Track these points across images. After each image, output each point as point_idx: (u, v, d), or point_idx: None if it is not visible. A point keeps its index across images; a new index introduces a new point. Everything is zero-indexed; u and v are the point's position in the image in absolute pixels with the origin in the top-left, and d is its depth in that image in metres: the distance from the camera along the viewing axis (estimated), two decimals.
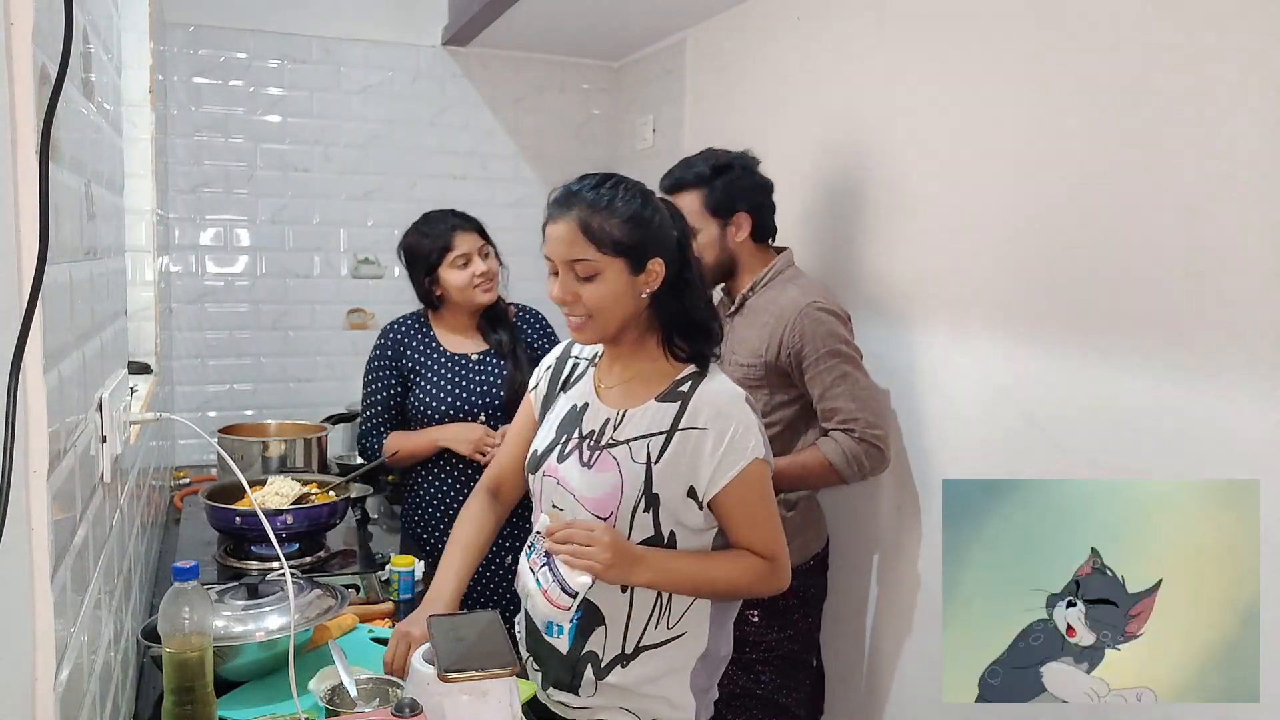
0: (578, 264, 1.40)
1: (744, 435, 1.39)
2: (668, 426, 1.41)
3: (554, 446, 1.51)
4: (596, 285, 1.39)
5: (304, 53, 3.24)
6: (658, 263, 1.41)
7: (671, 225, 1.45)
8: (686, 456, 1.39)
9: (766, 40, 2.63)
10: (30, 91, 0.80)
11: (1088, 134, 1.64)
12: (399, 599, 1.85)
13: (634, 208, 1.40)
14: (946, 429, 2.00)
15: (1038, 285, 1.75)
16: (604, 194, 1.40)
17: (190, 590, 1.25)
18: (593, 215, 1.38)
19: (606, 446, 1.45)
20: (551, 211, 1.44)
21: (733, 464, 1.38)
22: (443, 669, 1.17)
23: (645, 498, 1.40)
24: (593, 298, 1.40)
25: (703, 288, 1.49)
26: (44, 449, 0.83)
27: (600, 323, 1.42)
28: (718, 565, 1.43)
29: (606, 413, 1.48)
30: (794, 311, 1.97)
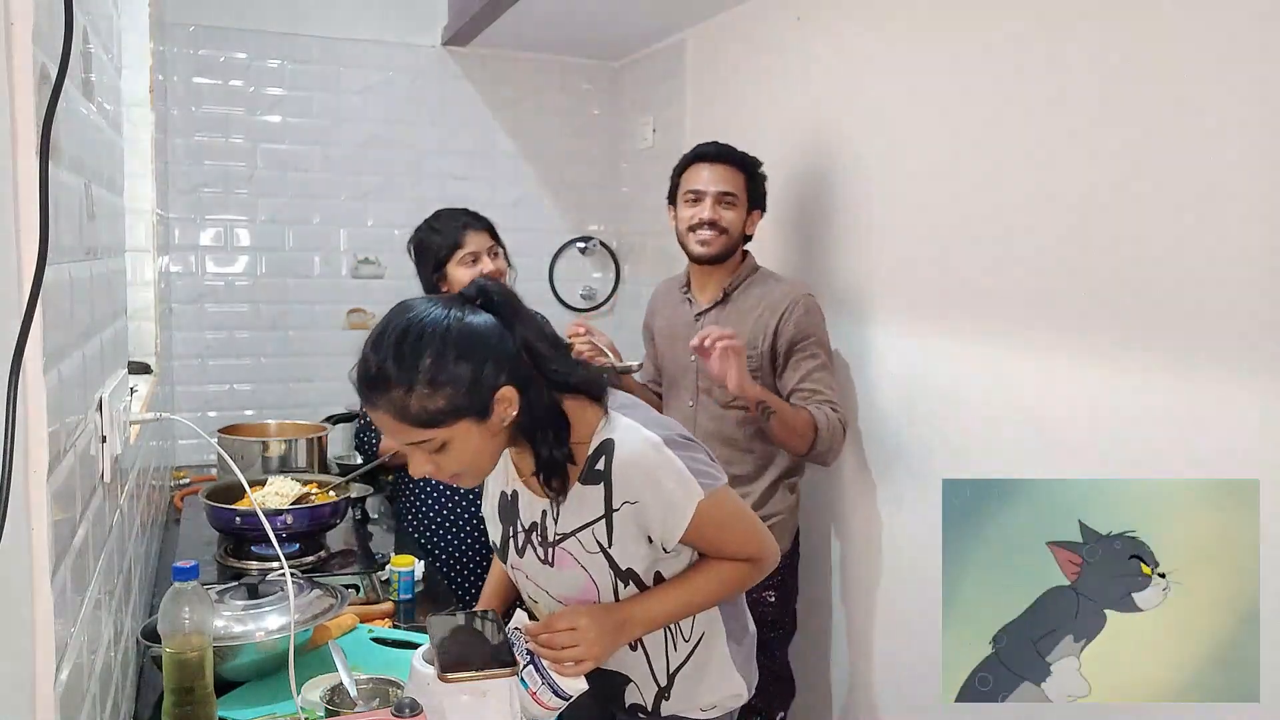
0: (415, 447, 1.23)
1: (678, 488, 1.29)
2: (602, 510, 1.32)
3: (507, 541, 1.46)
4: (451, 453, 1.23)
5: (304, 53, 3.24)
6: (506, 391, 1.23)
7: (493, 338, 1.22)
8: (633, 528, 1.33)
9: (766, 40, 2.63)
10: (30, 91, 0.80)
11: (1088, 134, 1.64)
12: (399, 599, 1.85)
13: (447, 364, 1.18)
14: (946, 429, 2.00)
15: (1038, 285, 1.75)
16: (406, 366, 1.18)
17: (190, 590, 1.25)
18: (406, 398, 1.18)
19: (557, 543, 1.37)
20: (360, 398, 1.25)
21: (681, 519, 1.31)
22: (443, 669, 1.17)
23: (618, 576, 1.35)
24: (454, 463, 1.25)
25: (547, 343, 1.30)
26: (44, 449, 0.83)
27: (473, 473, 1.30)
28: (701, 586, 1.39)
29: (540, 504, 1.38)
30: (788, 300, 2.12)
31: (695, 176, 2.21)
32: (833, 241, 2.34)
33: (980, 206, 1.89)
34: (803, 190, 2.42)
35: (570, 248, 3.62)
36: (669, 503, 1.30)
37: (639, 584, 1.37)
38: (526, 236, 3.48)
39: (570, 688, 1.30)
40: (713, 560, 1.40)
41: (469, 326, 1.21)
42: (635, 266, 3.55)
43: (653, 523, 1.32)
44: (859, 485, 2.27)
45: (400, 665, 1.42)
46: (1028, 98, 1.77)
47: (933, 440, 2.04)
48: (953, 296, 1.97)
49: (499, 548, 1.48)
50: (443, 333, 1.20)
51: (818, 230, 2.39)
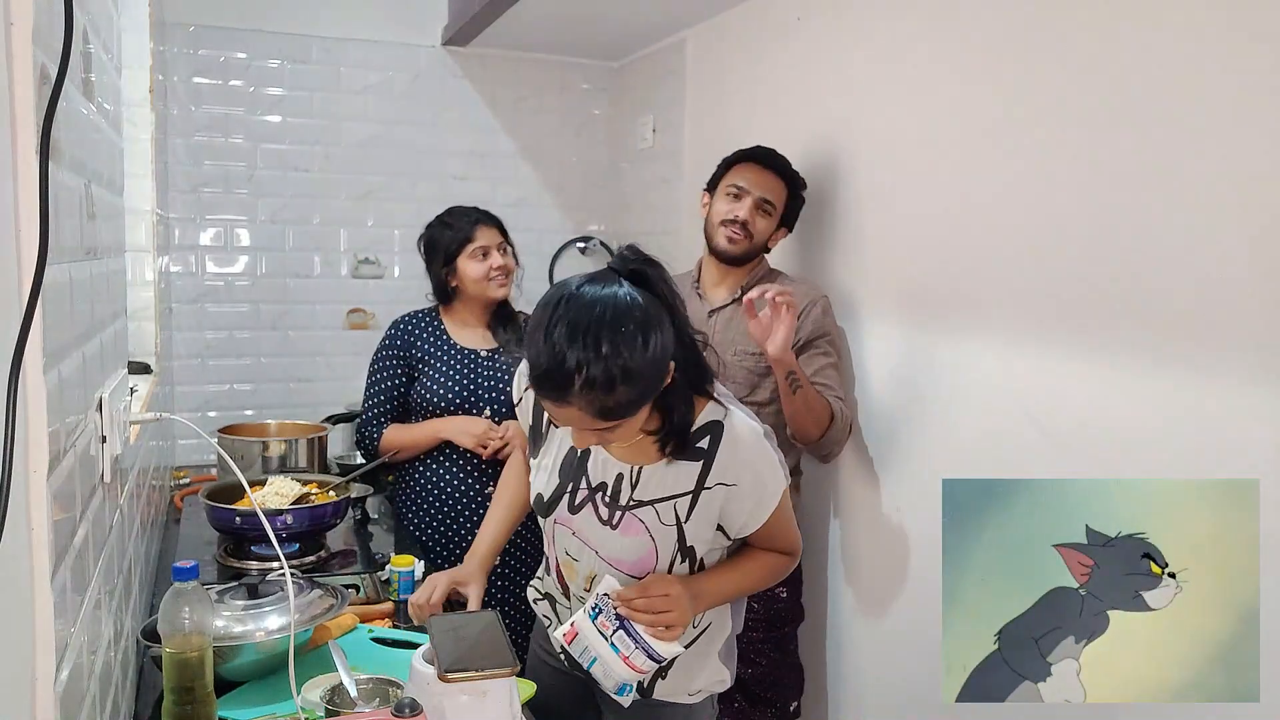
0: (599, 434, 1.27)
1: (772, 480, 1.40)
2: (693, 486, 1.37)
3: (561, 494, 1.47)
4: (621, 431, 1.27)
5: (304, 53, 3.24)
6: (670, 365, 1.27)
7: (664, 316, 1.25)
8: (716, 507, 1.40)
9: (766, 40, 2.63)
10: (30, 91, 0.80)
11: (1088, 135, 1.64)
12: (399, 599, 1.85)
13: (641, 359, 1.19)
14: (946, 429, 2.00)
15: (1038, 285, 1.75)
16: (602, 371, 1.16)
17: (190, 590, 1.25)
18: (604, 399, 1.18)
19: (629, 508, 1.40)
20: (547, 394, 1.21)
21: (768, 508, 1.41)
22: (443, 669, 1.17)
23: (680, 553, 1.42)
24: (621, 437, 1.30)
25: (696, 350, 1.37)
26: (44, 449, 0.83)
27: (628, 441, 1.34)
28: (752, 573, 1.49)
29: (618, 467, 1.40)
30: (807, 300, 2.14)
31: (743, 173, 2.20)
32: (833, 241, 2.34)
33: (981, 206, 1.89)
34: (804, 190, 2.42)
35: (570, 248, 3.62)
36: (763, 492, 1.39)
37: (692, 562, 1.44)
38: (526, 236, 3.48)
39: (666, 651, 1.38)
40: (758, 550, 1.49)
41: (648, 312, 1.22)
42: None
43: (740, 510, 1.39)
44: (859, 484, 2.27)
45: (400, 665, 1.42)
46: (1028, 97, 1.77)
47: (933, 440, 2.04)
48: (953, 296, 1.97)
49: (545, 501, 1.49)
50: (634, 322, 1.19)
51: (818, 230, 2.39)
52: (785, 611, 2.20)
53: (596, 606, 1.41)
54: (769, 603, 2.17)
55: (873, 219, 2.21)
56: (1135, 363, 1.57)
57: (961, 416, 1.96)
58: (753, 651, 2.16)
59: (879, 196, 2.19)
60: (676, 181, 3.11)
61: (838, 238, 2.32)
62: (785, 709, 2.22)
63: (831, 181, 2.33)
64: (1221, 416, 1.44)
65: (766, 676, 2.18)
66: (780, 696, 2.20)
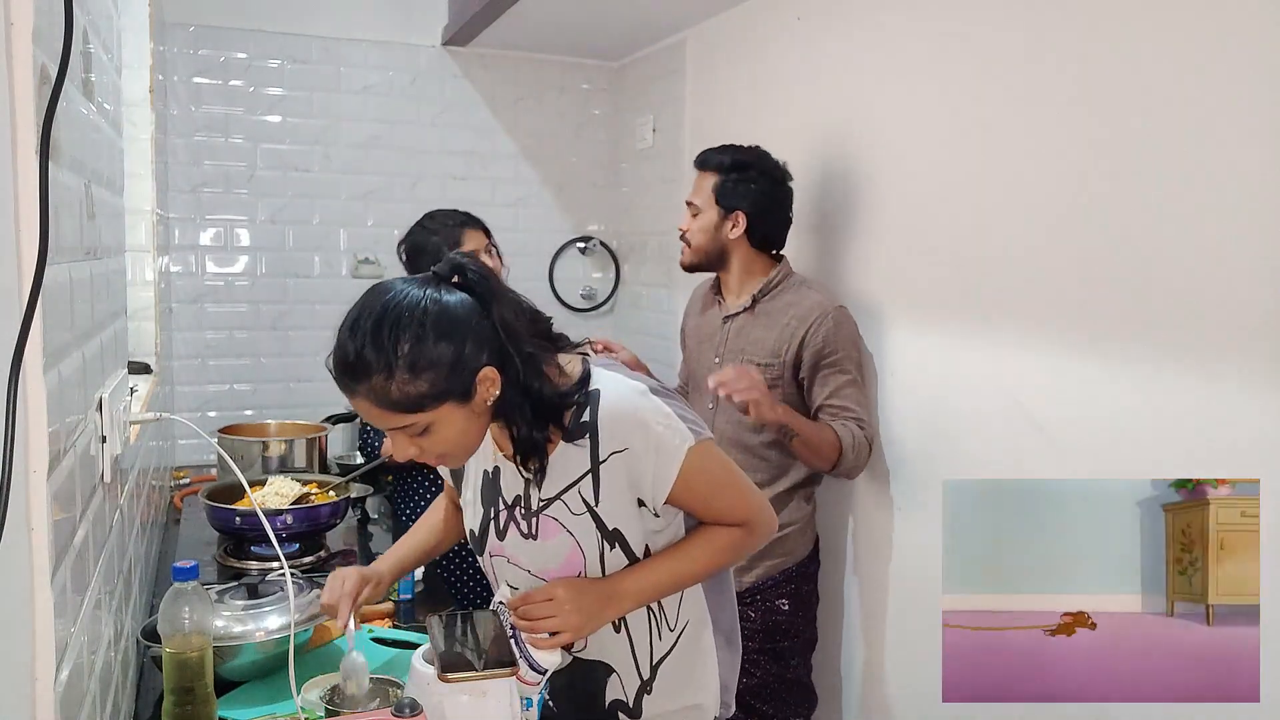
0: (401, 430, 1.20)
1: (667, 432, 1.26)
2: (588, 465, 1.29)
3: (488, 524, 1.40)
4: (435, 435, 1.20)
5: (304, 53, 3.24)
6: (488, 371, 1.20)
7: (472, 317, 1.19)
8: (623, 479, 1.28)
9: (766, 40, 2.63)
10: (30, 91, 0.80)
11: (1087, 135, 1.64)
12: (399, 599, 1.85)
13: (427, 347, 1.15)
14: (946, 429, 2.00)
15: (1038, 286, 1.75)
16: (385, 351, 1.15)
17: (190, 590, 1.25)
18: (387, 384, 1.15)
19: (540, 510, 1.33)
20: (339, 385, 1.21)
21: (671, 464, 1.27)
22: (443, 669, 1.17)
23: (605, 539, 1.31)
24: (438, 445, 1.22)
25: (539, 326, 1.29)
26: (44, 449, 0.83)
27: (458, 454, 1.28)
28: (695, 555, 1.34)
29: (524, 475, 1.32)
30: (819, 312, 2.07)
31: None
32: (834, 242, 2.34)
33: (981, 207, 1.89)
34: (804, 190, 2.41)
35: (570, 248, 3.62)
36: (658, 447, 1.26)
37: (625, 548, 1.32)
38: (526, 236, 3.49)
39: (544, 661, 1.26)
40: (704, 527, 1.36)
41: (446, 307, 1.18)
42: (635, 266, 3.54)
43: (644, 472, 1.27)
44: (873, 493, 2.24)
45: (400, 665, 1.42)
46: (1029, 97, 1.77)
47: (945, 445, 2.02)
48: (956, 297, 1.97)
49: (477, 537, 1.42)
50: (420, 315, 1.16)
51: (818, 231, 2.38)
52: (785, 624, 2.13)
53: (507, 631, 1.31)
54: (768, 614, 2.12)
55: (872, 220, 2.21)
56: (1136, 363, 1.57)
57: (962, 416, 1.95)
58: (747, 661, 2.11)
59: (878, 197, 2.19)
60: (676, 181, 3.10)
61: (836, 238, 2.32)
62: None
63: (831, 181, 2.33)
64: (1221, 416, 1.44)
65: (762, 689, 2.11)
66: (779, 712, 2.14)
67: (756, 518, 1.37)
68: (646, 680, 1.40)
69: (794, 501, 2.15)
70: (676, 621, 1.40)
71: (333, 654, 1.56)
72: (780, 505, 2.12)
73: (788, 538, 2.13)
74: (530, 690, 1.29)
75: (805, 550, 2.17)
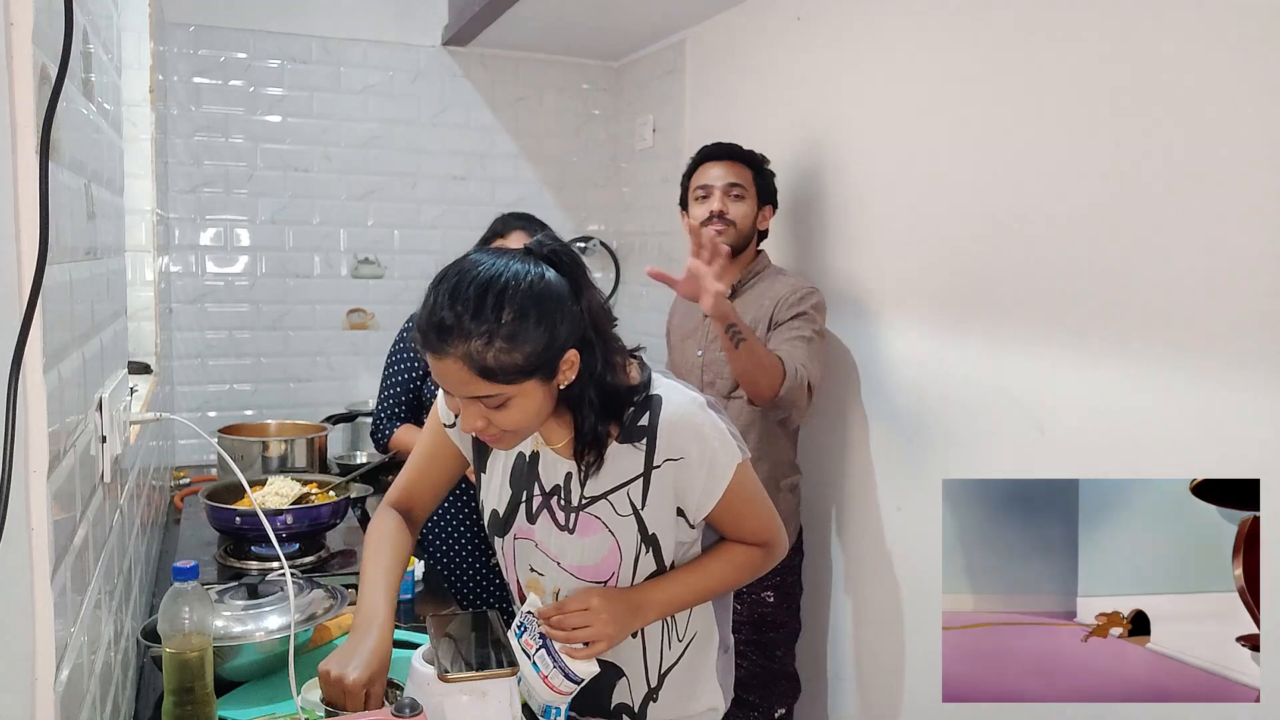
0: (479, 400, 1.19)
1: (721, 448, 1.29)
2: (641, 468, 1.29)
3: (517, 507, 1.38)
4: (511, 411, 1.20)
5: (304, 53, 3.24)
6: (572, 354, 1.21)
7: (567, 299, 1.20)
8: (670, 487, 1.30)
9: (766, 40, 2.63)
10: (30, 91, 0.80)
11: (1087, 134, 1.64)
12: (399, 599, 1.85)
13: (529, 321, 1.15)
14: (946, 429, 2.00)
15: (1040, 285, 1.75)
16: (486, 320, 1.14)
17: (190, 590, 1.25)
18: (484, 350, 1.14)
19: (582, 507, 1.32)
20: (426, 345, 1.18)
21: (721, 479, 1.30)
22: (443, 669, 1.16)
23: (643, 542, 1.32)
24: (510, 421, 1.21)
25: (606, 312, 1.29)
26: (44, 449, 0.83)
27: (522, 433, 1.26)
28: (716, 571, 1.37)
29: (565, 465, 1.32)
30: (790, 289, 2.15)
31: (703, 174, 2.26)
32: (833, 241, 2.34)
33: (981, 206, 1.89)
34: (804, 190, 2.42)
35: None
36: (713, 461, 1.28)
37: (657, 555, 1.33)
38: None
39: (581, 671, 1.27)
40: (725, 544, 1.39)
41: (549, 285, 1.18)
42: (635, 266, 3.54)
43: (693, 482, 1.29)
44: (862, 485, 2.27)
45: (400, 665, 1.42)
46: (1029, 97, 1.77)
47: (935, 439, 2.04)
48: (953, 296, 1.97)
49: (501, 517, 1.40)
50: (526, 288, 1.16)
51: (818, 230, 2.39)
52: (772, 616, 2.17)
53: (522, 624, 1.32)
54: (754, 606, 2.16)
55: (872, 219, 2.21)
56: (1136, 363, 1.57)
57: (962, 416, 1.95)
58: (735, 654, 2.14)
59: (878, 196, 2.19)
60: (676, 181, 3.09)
61: (836, 237, 2.33)
62: (769, 714, 2.20)
63: (831, 180, 2.33)
64: (1222, 416, 1.44)
65: (750, 680, 2.15)
66: (765, 701, 2.18)
67: (776, 539, 1.40)
68: (653, 688, 1.42)
69: (780, 495, 2.18)
70: (685, 633, 1.43)
71: None
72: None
73: None
74: (561, 700, 1.29)
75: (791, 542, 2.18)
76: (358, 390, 3.27)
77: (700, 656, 1.44)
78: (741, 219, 2.21)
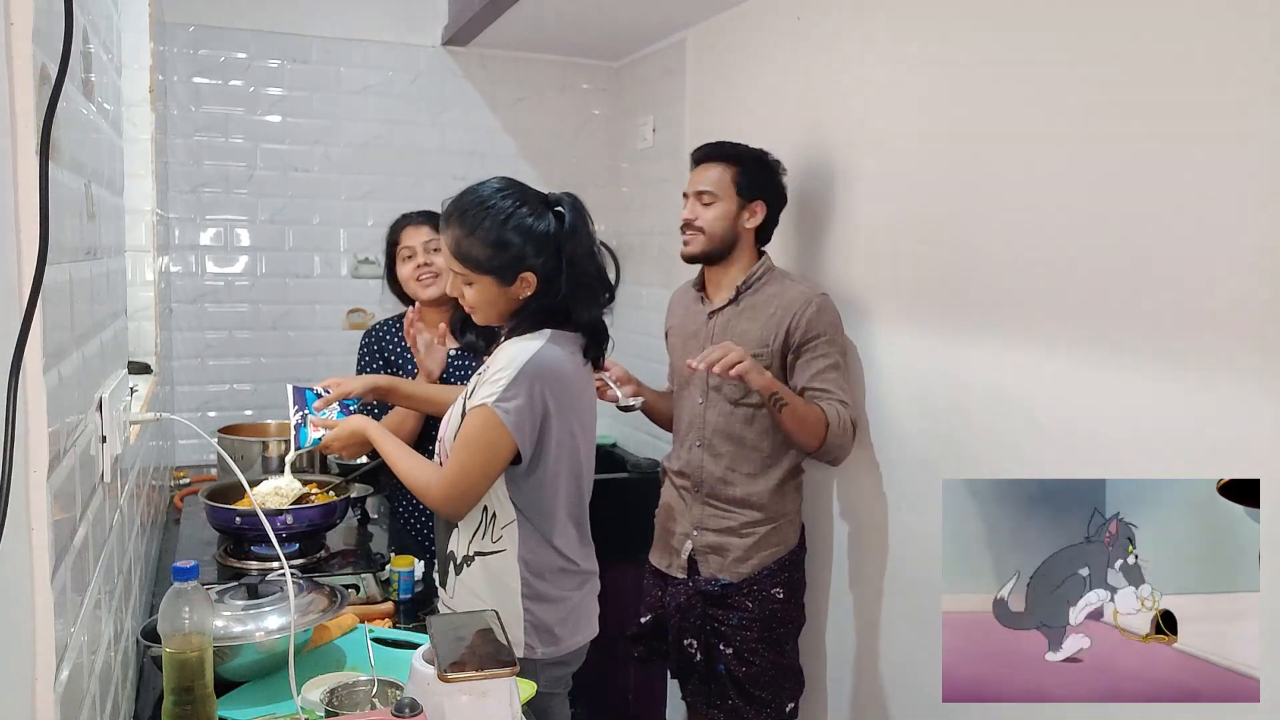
0: (456, 274, 1.65)
1: (491, 382, 1.59)
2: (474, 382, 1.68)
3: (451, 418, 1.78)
4: (473, 291, 1.65)
5: (304, 53, 3.24)
6: (529, 276, 1.62)
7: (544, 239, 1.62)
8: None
9: (766, 40, 2.63)
10: (30, 91, 0.80)
11: (1088, 134, 1.64)
12: (399, 599, 1.85)
13: (495, 234, 1.60)
14: (945, 429, 2.00)
15: (1039, 285, 1.75)
16: (469, 217, 1.61)
17: (190, 590, 1.25)
18: (462, 238, 1.62)
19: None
20: (441, 221, 1.67)
21: (474, 397, 1.62)
22: (443, 669, 1.17)
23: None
24: (471, 300, 1.67)
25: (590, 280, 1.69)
26: (44, 449, 0.83)
27: (483, 315, 1.69)
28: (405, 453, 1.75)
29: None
30: (803, 300, 2.12)
31: (689, 181, 2.24)
32: (834, 241, 2.34)
33: (981, 206, 1.89)
34: (804, 190, 2.42)
35: None
36: (478, 384, 1.64)
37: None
38: None
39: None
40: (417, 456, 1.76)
41: (525, 220, 1.62)
42: (635, 266, 3.54)
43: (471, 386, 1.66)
44: (862, 483, 2.27)
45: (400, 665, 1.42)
46: (1029, 97, 1.77)
47: (936, 439, 2.04)
48: (953, 295, 1.97)
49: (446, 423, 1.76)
50: (504, 218, 1.61)
51: (819, 229, 2.39)
52: (781, 612, 2.19)
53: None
54: (765, 603, 2.17)
55: (872, 218, 2.21)
56: (1136, 363, 1.57)
57: (962, 416, 1.96)
58: (747, 650, 2.16)
59: (879, 196, 2.19)
60: (676, 181, 3.10)
61: (837, 237, 2.32)
62: (780, 710, 2.21)
63: (831, 181, 2.33)
64: (1221, 416, 1.44)
65: (762, 676, 2.17)
66: (776, 697, 2.20)
67: (437, 488, 1.64)
68: (466, 557, 1.69)
69: (787, 493, 2.20)
70: (497, 538, 1.67)
71: (333, 654, 1.57)
72: (774, 497, 2.18)
73: (780, 528, 2.19)
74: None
75: (795, 539, 2.24)
76: None
77: (500, 565, 1.66)
78: (712, 223, 2.16)
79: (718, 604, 2.18)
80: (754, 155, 2.21)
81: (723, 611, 2.18)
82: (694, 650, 2.21)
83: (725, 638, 2.17)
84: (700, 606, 2.19)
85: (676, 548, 2.25)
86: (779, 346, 2.12)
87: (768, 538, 2.17)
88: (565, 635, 1.68)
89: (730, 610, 2.17)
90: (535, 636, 1.65)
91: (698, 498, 2.22)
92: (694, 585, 2.21)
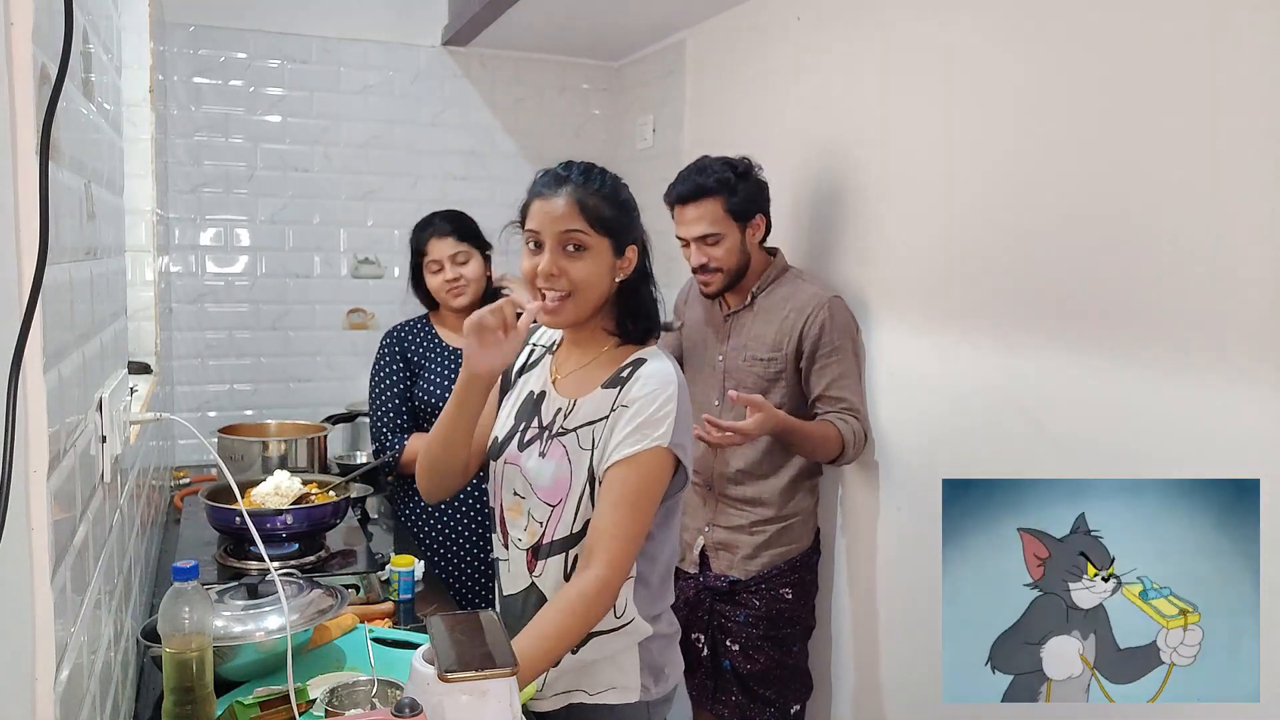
0: (570, 235, 1.43)
1: (659, 417, 1.39)
2: (608, 411, 1.43)
3: (514, 434, 1.54)
4: (584, 261, 1.43)
5: (304, 53, 3.24)
6: (634, 250, 1.49)
7: (640, 222, 1.54)
8: (613, 430, 1.42)
9: (766, 40, 2.63)
10: (30, 91, 0.80)
11: (1091, 134, 1.64)
12: (399, 599, 1.85)
13: (623, 194, 1.50)
14: (946, 429, 2.00)
15: (1040, 286, 1.75)
16: (595, 177, 1.48)
17: (190, 590, 1.25)
18: (587, 194, 1.45)
19: (557, 435, 1.48)
20: (542, 189, 1.48)
21: (637, 442, 1.39)
22: (443, 669, 1.16)
23: (590, 482, 1.43)
24: (578, 274, 1.43)
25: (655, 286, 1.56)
26: (44, 449, 0.83)
27: (577, 303, 1.45)
28: (550, 625, 1.33)
29: (559, 402, 1.50)
30: (816, 303, 2.12)
31: (680, 220, 2.16)
32: (834, 241, 2.34)
33: (982, 206, 1.89)
34: (804, 190, 2.42)
35: None
36: (642, 422, 1.39)
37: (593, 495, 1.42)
38: None
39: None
40: (562, 599, 1.36)
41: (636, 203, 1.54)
42: None
43: (621, 430, 1.40)
44: (862, 484, 2.27)
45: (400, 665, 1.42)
46: (1030, 97, 1.77)
47: (936, 439, 2.04)
48: (953, 295, 1.97)
49: (500, 441, 1.55)
50: (624, 185, 1.54)
51: (819, 230, 2.38)
52: (789, 612, 2.20)
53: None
54: (772, 602, 2.18)
55: (872, 219, 2.21)
56: (1135, 363, 1.57)
57: (961, 416, 1.96)
58: (752, 648, 2.18)
59: (878, 196, 2.19)
60: None
61: (837, 237, 2.32)
62: (786, 710, 2.22)
63: (831, 181, 2.33)
64: (1222, 416, 1.44)
65: (766, 674, 2.19)
66: (780, 696, 2.21)
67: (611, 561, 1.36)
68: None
69: (799, 494, 2.22)
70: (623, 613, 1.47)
71: (333, 654, 1.56)
72: (786, 497, 2.20)
73: (792, 527, 2.20)
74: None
75: (808, 540, 2.25)
76: (358, 390, 3.27)
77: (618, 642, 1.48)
78: (725, 259, 2.13)
79: (726, 600, 2.20)
80: (730, 173, 2.12)
81: (730, 607, 2.20)
82: (700, 645, 2.23)
83: (731, 634, 2.19)
84: (708, 602, 2.21)
85: (689, 542, 2.27)
86: (791, 352, 2.13)
87: (777, 536, 2.19)
88: (672, 673, 1.57)
89: (737, 607, 2.18)
90: (650, 677, 1.52)
91: (711, 495, 2.24)
92: (703, 581, 2.23)
